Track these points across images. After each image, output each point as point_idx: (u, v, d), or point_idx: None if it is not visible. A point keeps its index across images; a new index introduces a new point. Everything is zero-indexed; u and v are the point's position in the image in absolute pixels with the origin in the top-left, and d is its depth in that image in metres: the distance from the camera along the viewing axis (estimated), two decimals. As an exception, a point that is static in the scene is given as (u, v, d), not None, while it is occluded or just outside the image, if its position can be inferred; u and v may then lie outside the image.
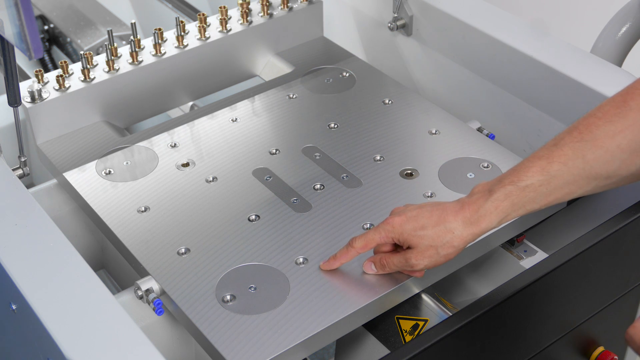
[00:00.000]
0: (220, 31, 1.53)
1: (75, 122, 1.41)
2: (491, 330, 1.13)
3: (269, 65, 1.59)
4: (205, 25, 1.51)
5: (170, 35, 1.50)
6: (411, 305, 1.18)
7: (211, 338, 1.04)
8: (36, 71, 1.39)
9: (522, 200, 1.01)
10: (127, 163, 1.34)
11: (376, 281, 1.11)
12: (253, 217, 1.23)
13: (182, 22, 1.48)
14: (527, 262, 1.24)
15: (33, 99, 1.36)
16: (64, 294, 1.06)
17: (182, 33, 1.49)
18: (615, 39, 1.74)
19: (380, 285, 1.11)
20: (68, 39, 1.96)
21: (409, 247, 1.07)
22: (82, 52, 1.39)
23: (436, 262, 1.06)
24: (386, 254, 1.10)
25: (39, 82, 1.39)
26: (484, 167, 1.30)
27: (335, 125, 1.41)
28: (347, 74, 1.54)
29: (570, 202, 1.32)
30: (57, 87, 1.38)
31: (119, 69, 1.43)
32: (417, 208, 1.08)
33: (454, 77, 1.58)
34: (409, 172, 1.30)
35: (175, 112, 1.62)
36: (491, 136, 1.40)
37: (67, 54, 2.01)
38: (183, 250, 1.17)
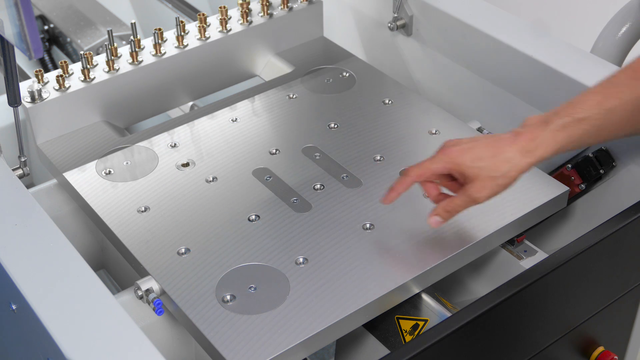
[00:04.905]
0: (220, 31, 1.53)
1: (75, 122, 1.41)
2: (491, 330, 1.13)
3: (269, 65, 1.59)
4: (205, 25, 1.51)
5: (170, 35, 1.50)
6: (411, 305, 1.18)
7: (211, 338, 1.04)
8: (36, 71, 1.39)
9: (577, 132, 1.04)
10: (127, 163, 1.34)
11: (376, 281, 1.11)
12: (253, 217, 1.23)
13: (182, 22, 1.48)
14: (527, 262, 1.24)
15: (33, 99, 1.36)
16: (64, 294, 1.06)
17: (182, 33, 1.49)
18: (615, 39, 1.74)
19: (380, 285, 1.11)
20: (68, 39, 1.96)
21: (465, 180, 1.09)
22: (82, 52, 1.39)
23: (495, 193, 1.08)
24: (447, 199, 1.11)
25: (39, 82, 1.39)
26: (484, 167, 1.30)
27: (335, 125, 1.41)
28: (347, 74, 1.54)
29: (570, 202, 1.32)
30: (57, 87, 1.38)
31: (119, 69, 1.43)
32: (471, 140, 1.10)
33: (454, 77, 1.58)
34: (409, 172, 1.30)
35: (175, 112, 1.62)
36: (491, 136, 1.40)
37: (67, 54, 2.01)
38: (183, 250, 1.17)
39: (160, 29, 1.46)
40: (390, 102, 1.46)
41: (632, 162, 1.34)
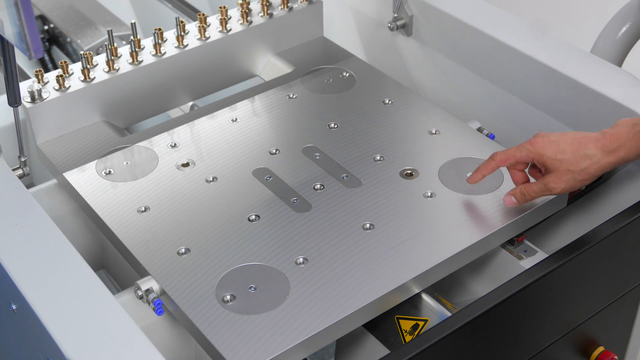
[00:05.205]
0: (220, 31, 1.53)
1: (75, 122, 1.41)
2: (491, 330, 1.13)
3: (269, 65, 1.59)
4: (205, 25, 1.51)
5: (170, 35, 1.50)
6: (411, 305, 1.18)
7: (211, 338, 1.04)
8: (36, 71, 1.39)
9: None
10: (127, 163, 1.34)
11: (376, 281, 1.11)
12: (253, 217, 1.23)
13: (182, 22, 1.48)
14: (527, 262, 1.24)
15: (33, 99, 1.36)
16: (64, 294, 1.06)
17: (182, 33, 1.49)
18: (615, 39, 1.74)
19: (380, 285, 1.11)
20: (68, 39, 1.96)
21: (546, 171, 1.13)
22: (82, 52, 1.39)
23: (572, 187, 1.12)
24: (525, 183, 1.16)
25: (39, 82, 1.39)
26: (484, 167, 1.30)
27: (335, 125, 1.41)
28: (347, 74, 1.54)
29: (570, 202, 1.32)
30: (57, 87, 1.38)
31: (119, 69, 1.43)
32: (560, 134, 1.14)
33: (454, 77, 1.58)
34: (409, 172, 1.30)
35: (175, 112, 1.62)
36: (491, 136, 1.40)
37: (67, 54, 2.02)
38: (183, 250, 1.17)
39: (160, 29, 1.46)
40: (390, 102, 1.46)
41: (631, 162, 1.34)
